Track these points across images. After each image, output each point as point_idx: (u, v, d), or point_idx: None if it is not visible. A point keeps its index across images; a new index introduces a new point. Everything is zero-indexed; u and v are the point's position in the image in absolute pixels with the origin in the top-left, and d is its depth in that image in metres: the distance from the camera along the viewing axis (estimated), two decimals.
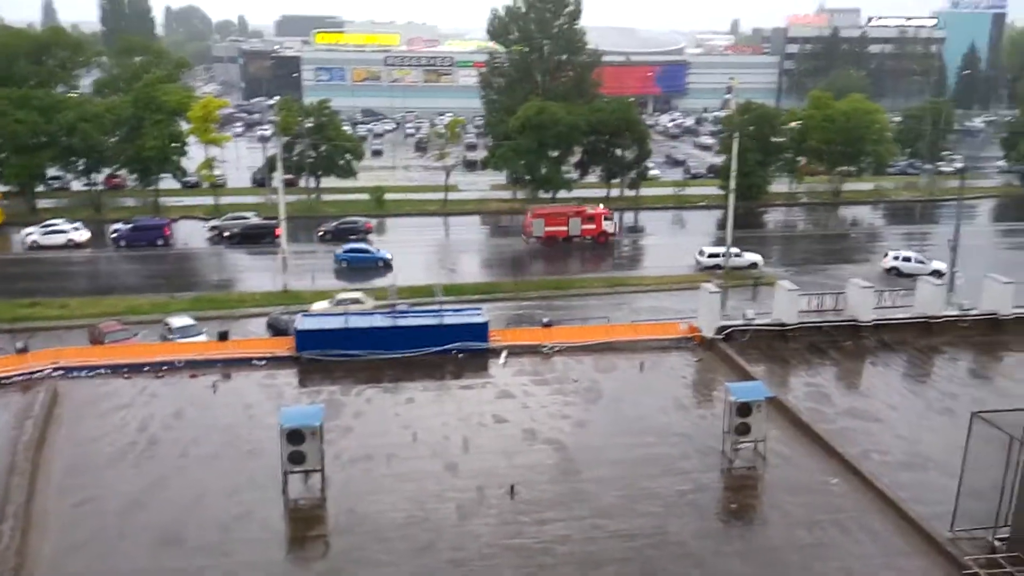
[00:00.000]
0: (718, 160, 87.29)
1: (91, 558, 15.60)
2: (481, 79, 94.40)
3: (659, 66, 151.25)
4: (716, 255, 57.39)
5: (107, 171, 77.26)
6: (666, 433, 20.76)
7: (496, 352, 25.34)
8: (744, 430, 19.22)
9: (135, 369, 23.38)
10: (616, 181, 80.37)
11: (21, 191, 72.17)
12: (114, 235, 64.11)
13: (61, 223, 64.20)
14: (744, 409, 19.16)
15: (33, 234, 62.87)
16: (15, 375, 22.31)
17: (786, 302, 26.59)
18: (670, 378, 24.28)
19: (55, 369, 22.54)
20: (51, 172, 73.37)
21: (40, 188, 73.03)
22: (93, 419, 20.75)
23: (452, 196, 77.99)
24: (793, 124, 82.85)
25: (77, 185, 75.86)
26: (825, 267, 59.16)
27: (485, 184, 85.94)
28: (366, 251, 59.63)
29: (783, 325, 26.33)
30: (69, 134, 68.73)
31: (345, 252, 59.04)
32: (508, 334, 27.46)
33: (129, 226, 64.60)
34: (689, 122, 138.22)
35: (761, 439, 19.46)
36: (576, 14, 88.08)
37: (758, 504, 18.56)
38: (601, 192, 79.58)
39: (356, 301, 44.96)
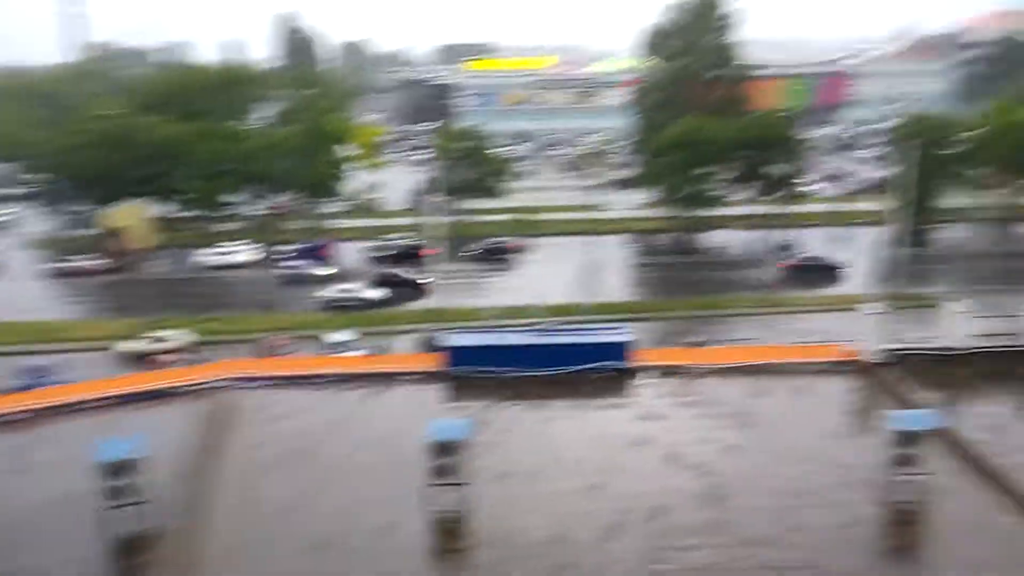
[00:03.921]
0: (883, 174, 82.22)
1: (252, 557, 16.67)
2: (630, 97, 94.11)
3: (817, 77, 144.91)
4: None
5: (278, 196, 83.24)
6: (822, 462, 19.68)
7: (640, 372, 25.00)
8: (908, 462, 17.90)
9: (299, 381, 24.87)
10: (770, 198, 77.44)
11: (203, 215, 78.98)
12: (281, 256, 68.82)
13: (235, 245, 69.71)
14: (909, 439, 17.86)
15: (210, 255, 68.60)
16: (194, 384, 24.30)
17: (957, 326, 24.59)
18: (827, 404, 23.02)
19: (229, 379, 24.33)
20: (229, 198, 79.73)
21: (219, 213, 79.55)
22: (259, 426, 22.24)
23: (599, 215, 77.87)
24: (969, 134, 76.73)
25: (251, 209, 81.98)
26: (1004, 289, 54.14)
27: (632, 203, 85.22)
28: None
29: (953, 350, 24.36)
30: (247, 162, 74.70)
31: None
32: (653, 354, 27.03)
33: (295, 247, 69.24)
34: (851, 135, 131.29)
35: (928, 472, 18.05)
36: (730, 28, 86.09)
37: (921, 542, 17.19)
38: (754, 209, 76.89)
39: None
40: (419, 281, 58.40)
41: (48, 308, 54.75)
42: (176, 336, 45.68)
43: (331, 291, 56.47)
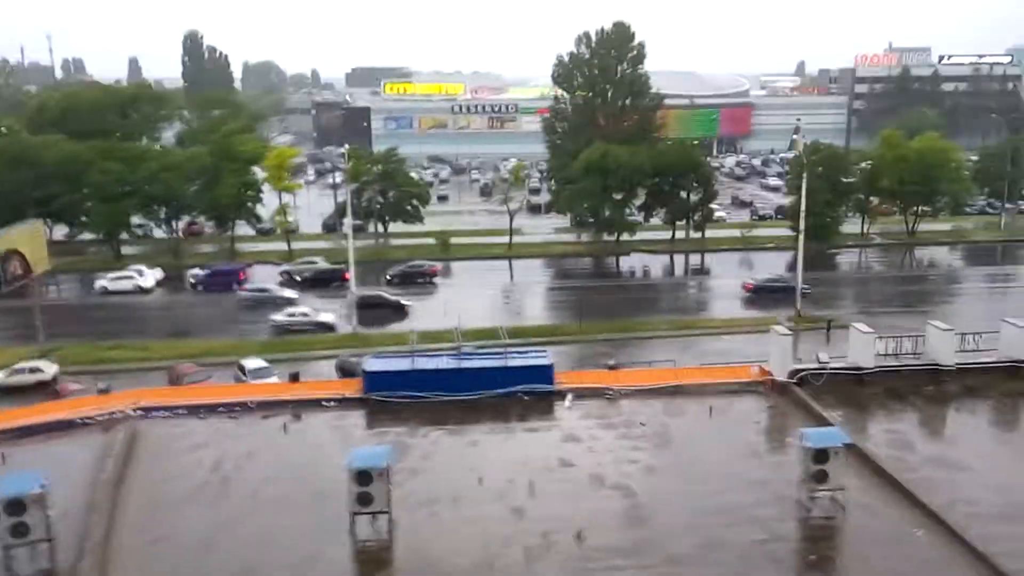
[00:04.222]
0: (786, 201, 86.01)
1: None
2: (544, 124, 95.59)
3: (723, 108, 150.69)
4: None
5: (187, 218, 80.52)
6: (738, 480, 20.14)
7: (561, 395, 25.14)
8: (821, 478, 18.51)
9: (210, 410, 23.95)
10: (681, 223, 79.77)
11: (106, 239, 75.60)
12: (192, 280, 66.40)
13: (136, 269, 66.76)
14: (821, 456, 18.47)
15: (111, 279, 65.42)
16: (97, 415, 23.07)
17: (862, 345, 25.73)
18: (741, 423, 23.64)
19: (135, 409, 23.23)
20: (135, 220, 76.67)
21: (124, 236, 76.36)
22: (170, 458, 21.28)
23: (516, 240, 78.50)
24: (864, 164, 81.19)
25: (159, 232, 79.06)
26: (901, 310, 57.17)
27: (549, 228, 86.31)
28: None
29: (859, 369, 25.46)
30: (151, 183, 71.95)
31: None
32: (573, 376, 27.25)
33: (207, 271, 66.88)
34: (756, 163, 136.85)
35: (839, 488, 18.70)
36: (639, 59, 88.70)
37: (837, 556, 17.78)
38: (666, 234, 79.06)
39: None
40: (403, 303, 57.78)
41: None
42: (50, 366, 43.41)
43: (281, 315, 54.84)
